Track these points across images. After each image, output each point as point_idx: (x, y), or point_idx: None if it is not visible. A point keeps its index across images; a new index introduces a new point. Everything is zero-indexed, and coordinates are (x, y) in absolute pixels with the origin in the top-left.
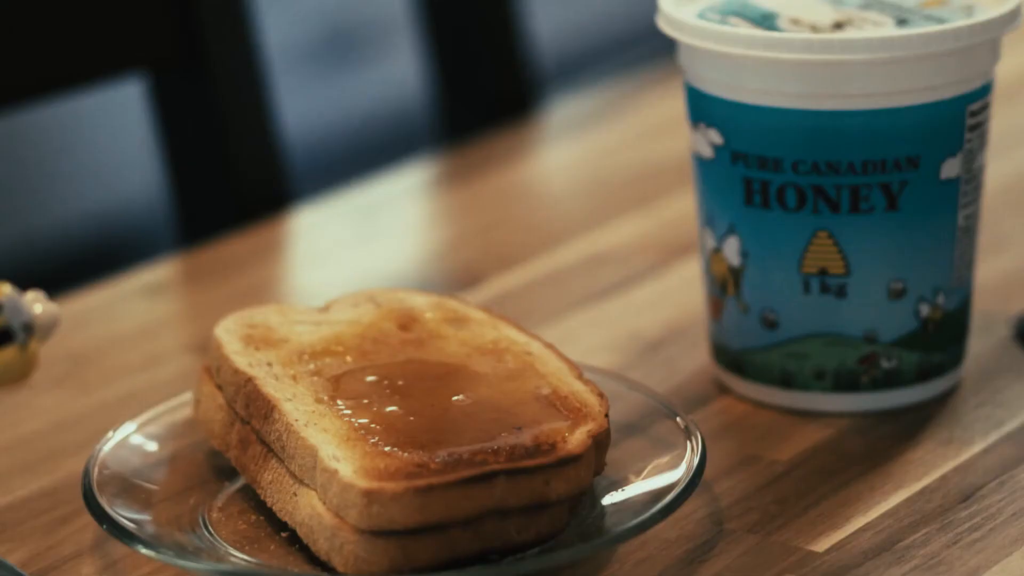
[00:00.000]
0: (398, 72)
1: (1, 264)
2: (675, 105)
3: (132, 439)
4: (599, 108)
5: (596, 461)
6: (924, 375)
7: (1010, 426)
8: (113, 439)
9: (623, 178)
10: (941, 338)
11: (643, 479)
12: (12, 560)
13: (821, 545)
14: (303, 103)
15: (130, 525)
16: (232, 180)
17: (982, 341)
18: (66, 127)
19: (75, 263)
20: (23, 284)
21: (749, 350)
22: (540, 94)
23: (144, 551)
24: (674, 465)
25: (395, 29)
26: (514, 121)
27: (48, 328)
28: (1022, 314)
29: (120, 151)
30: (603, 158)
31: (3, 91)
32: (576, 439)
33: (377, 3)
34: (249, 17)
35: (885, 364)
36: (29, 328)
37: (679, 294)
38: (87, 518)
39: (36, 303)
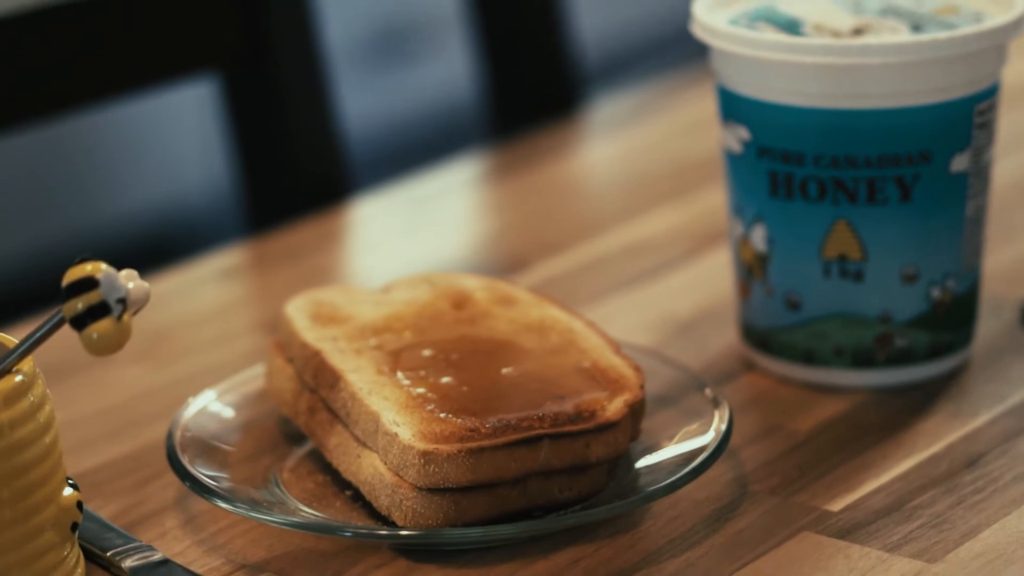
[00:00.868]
0: (450, 70)
1: (89, 246)
2: (708, 104)
3: (211, 407)
4: (638, 107)
5: (632, 428)
6: (935, 353)
7: (1013, 400)
8: (193, 406)
9: (659, 172)
10: (951, 319)
11: (674, 444)
12: (102, 515)
13: (836, 505)
14: (360, 98)
15: (209, 482)
16: (296, 172)
17: (991, 323)
18: (145, 122)
19: (153, 248)
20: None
21: (774, 329)
22: (584, 93)
23: (222, 505)
24: (703, 432)
25: (448, 29)
26: (559, 118)
27: (140, 303)
28: None
29: (193, 145)
30: (641, 153)
31: (91, 90)
32: (614, 407)
33: (431, 2)
34: (312, 18)
35: (899, 343)
36: (123, 303)
37: (710, 279)
38: (168, 478)
39: (130, 280)
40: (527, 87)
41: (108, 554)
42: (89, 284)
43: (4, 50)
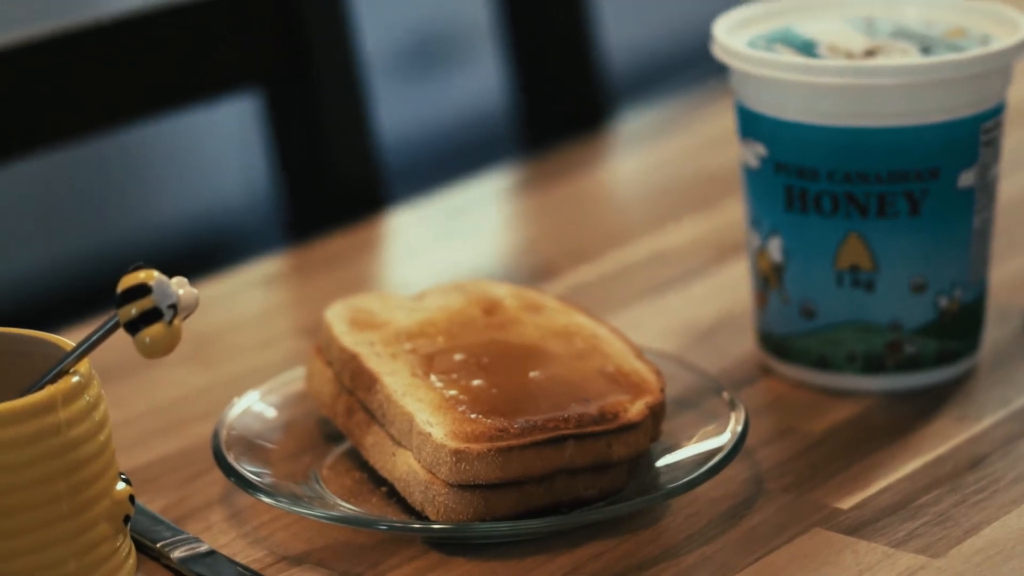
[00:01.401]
0: (483, 84)
1: (140, 252)
2: (730, 120)
3: (254, 407)
4: (664, 122)
5: (652, 429)
6: (942, 360)
7: (1017, 405)
8: (238, 406)
9: (684, 184)
10: (958, 328)
11: (693, 444)
12: (153, 509)
13: (846, 503)
14: (396, 107)
15: (253, 478)
16: (335, 183)
17: (998, 331)
18: (193, 135)
19: (200, 255)
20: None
21: (790, 336)
22: (612, 109)
23: (265, 500)
24: (720, 433)
25: (482, 43)
26: (588, 132)
27: (189, 309)
28: None
29: (238, 157)
30: (667, 166)
31: (143, 104)
32: (635, 410)
33: (465, 17)
34: (350, 36)
35: (908, 350)
36: (174, 308)
37: (731, 287)
38: (214, 475)
39: (180, 287)
40: (558, 102)
41: (158, 545)
42: (142, 291)
43: (65, 66)
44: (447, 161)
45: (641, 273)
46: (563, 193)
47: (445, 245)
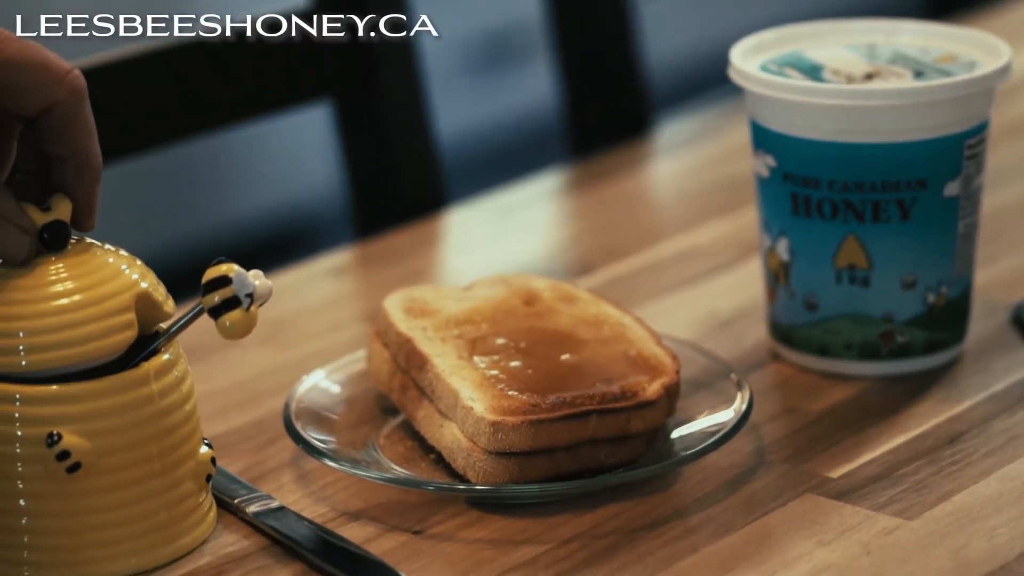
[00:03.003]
0: (538, 90)
1: (224, 244)
2: None
3: (321, 383)
4: (698, 131)
5: (668, 406)
6: (931, 349)
7: (995, 389)
8: (306, 383)
9: (714, 188)
10: (945, 320)
11: (703, 419)
12: (231, 470)
13: (836, 472)
14: (455, 110)
15: (319, 444)
16: (398, 185)
17: (985, 324)
18: (273, 140)
19: (270, 249)
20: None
21: (795, 326)
22: (653, 118)
23: (329, 463)
24: (727, 410)
25: (534, 54)
26: (631, 139)
27: (264, 297)
28: (1020, 302)
29: (312, 160)
30: (698, 172)
31: (230, 113)
32: (652, 389)
33: (522, 24)
34: (413, 52)
35: (900, 339)
36: (251, 297)
37: (749, 283)
38: (285, 442)
39: (256, 279)
40: (604, 112)
41: (235, 501)
42: (223, 282)
43: (163, 79)
44: (502, 161)
45: (669, 269)
46: (605, 195)
47: (495, 241)
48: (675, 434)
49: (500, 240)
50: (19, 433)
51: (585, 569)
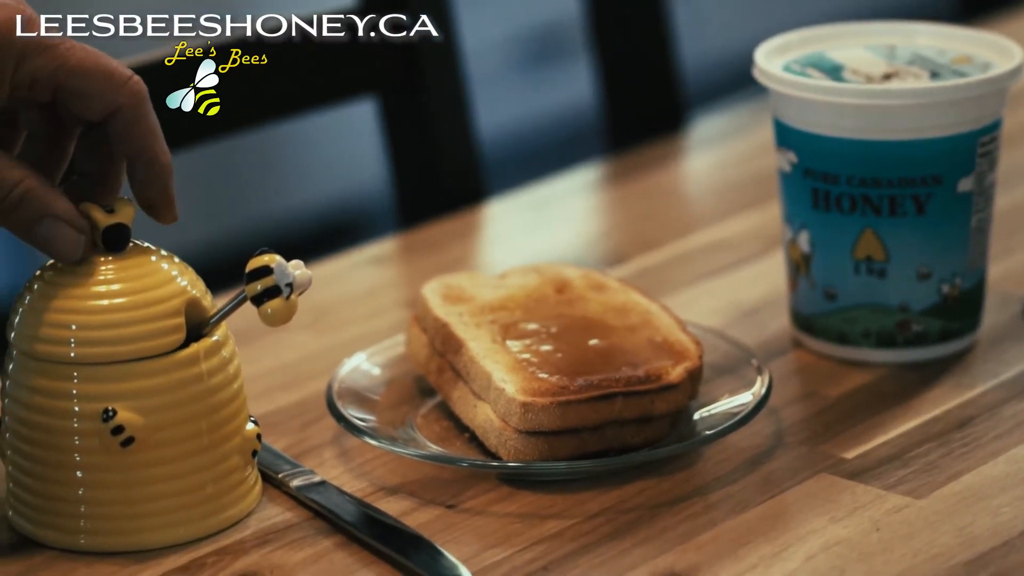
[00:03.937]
0: (573, 90)
1: (271, 233)
2: None
3: (362, 366)
4: (730, 127)
5: (691, 389)
6: (945, 337)
7: (1006, 376)
8: (348, 365)
9: (744, 182)
10: (959, 310)
11: (724, 402)
12: (276, 447)
13: (851, 454)
14: (496, 104)
15: (359, 423)
16: (439, 177)
17: (998, 314)
18: (320, 133)
19: (318, 238)
20: (280, 254)
21: (815, 315)
22: (686, 116)
23: (369, 441)
24: (747, 393)
25: (573, 53)
26: (666, 135)
27: (304, 286)
28: None
29: (358, 153)
30: (729, 167)
31: (280, 107)
32: (676, 373)
33: (559, 28)
34: (455, 50)
35: (915, 328)
36: (291, 286)
37: (774, 274)
38: (328, 421)
39: (297, 268)
40: (640, 107)
41: (279, 476)
42: (265, 271)
43: (231, 72)
44: (542, 156)
45: (698, 259)
46: (639, 188)
47: (532, 232)
48: (697, 416)
49: (536, 231)
50: (76, 409)
51: (609, 542)
